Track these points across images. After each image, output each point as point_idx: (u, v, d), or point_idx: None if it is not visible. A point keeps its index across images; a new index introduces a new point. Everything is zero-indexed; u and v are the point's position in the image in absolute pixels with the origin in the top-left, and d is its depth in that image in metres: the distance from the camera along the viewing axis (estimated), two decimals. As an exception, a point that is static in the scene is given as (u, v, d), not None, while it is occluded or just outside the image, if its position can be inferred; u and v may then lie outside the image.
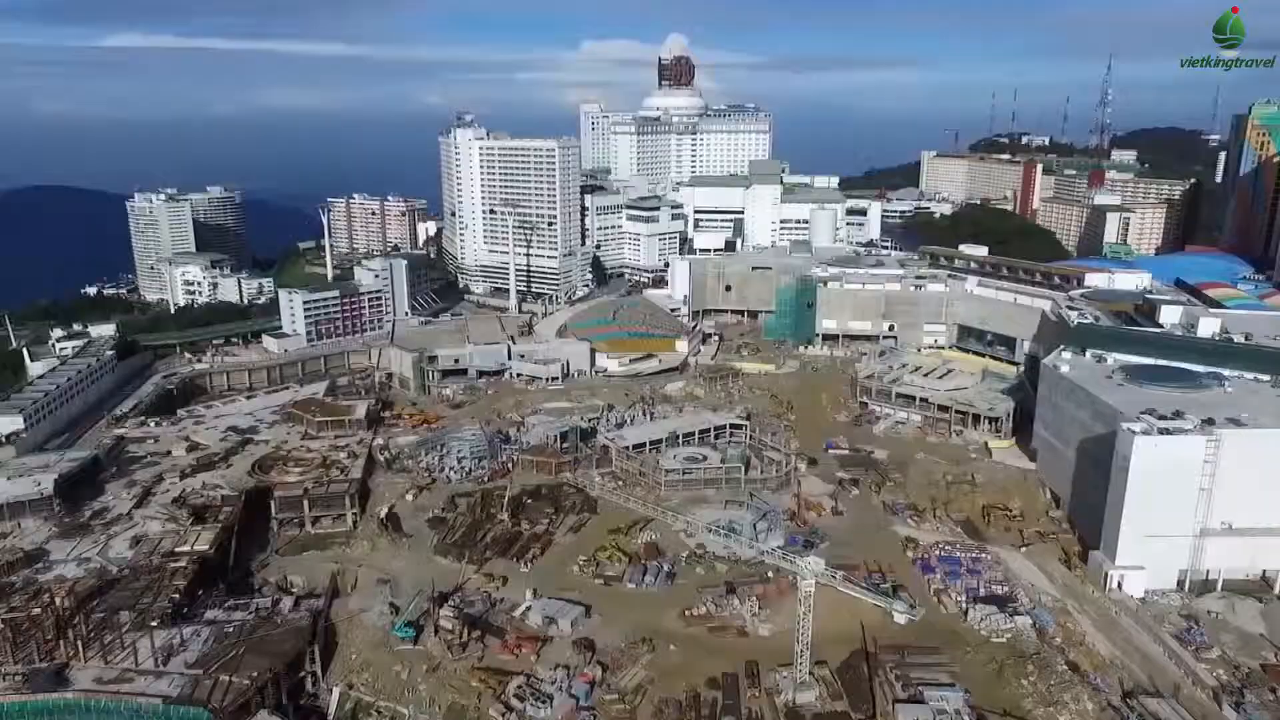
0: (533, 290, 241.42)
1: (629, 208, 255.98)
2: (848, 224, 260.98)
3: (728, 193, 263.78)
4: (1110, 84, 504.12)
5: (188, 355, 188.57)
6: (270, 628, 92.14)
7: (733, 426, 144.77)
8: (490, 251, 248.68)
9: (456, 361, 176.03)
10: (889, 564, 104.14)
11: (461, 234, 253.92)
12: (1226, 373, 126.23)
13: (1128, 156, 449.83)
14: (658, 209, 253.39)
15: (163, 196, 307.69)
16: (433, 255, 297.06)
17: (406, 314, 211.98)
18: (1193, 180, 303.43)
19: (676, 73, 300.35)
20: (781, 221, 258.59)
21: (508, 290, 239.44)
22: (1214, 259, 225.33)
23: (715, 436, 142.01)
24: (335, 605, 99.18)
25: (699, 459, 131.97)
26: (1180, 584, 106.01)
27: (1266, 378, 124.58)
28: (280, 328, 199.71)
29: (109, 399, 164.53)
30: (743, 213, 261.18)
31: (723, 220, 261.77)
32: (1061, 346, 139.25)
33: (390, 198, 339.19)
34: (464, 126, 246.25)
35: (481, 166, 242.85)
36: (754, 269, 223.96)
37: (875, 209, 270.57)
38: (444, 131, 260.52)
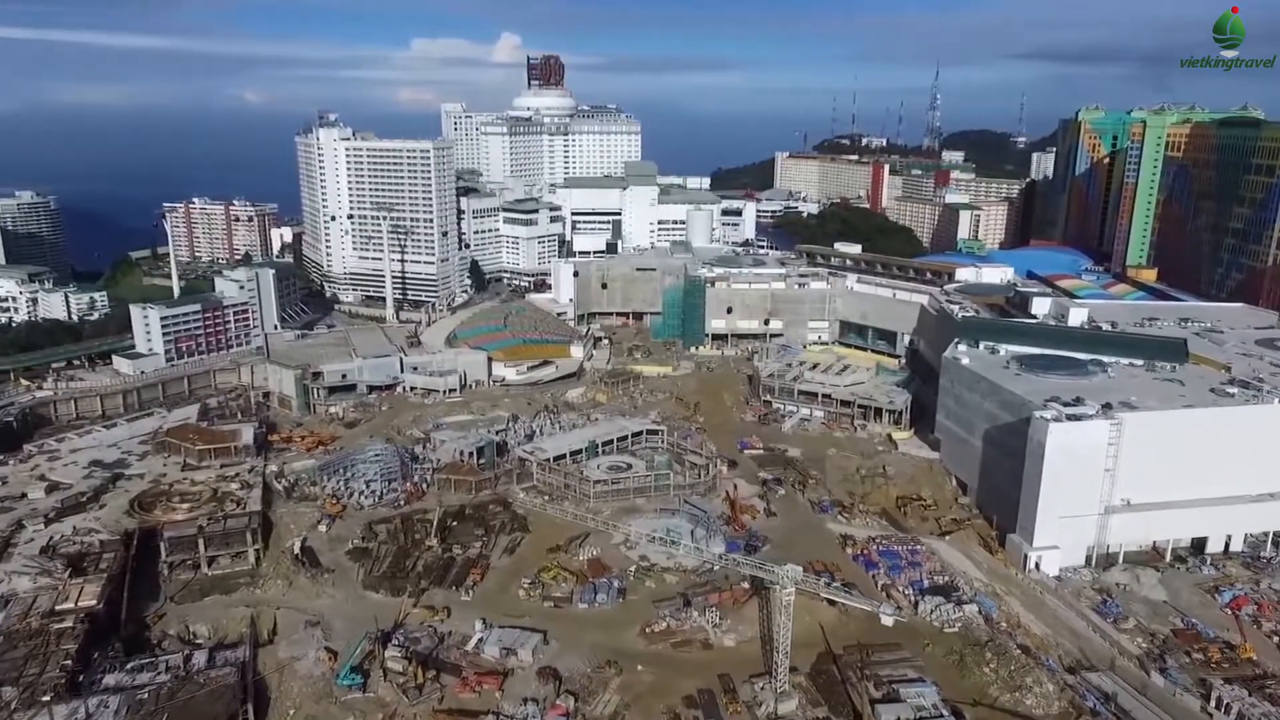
0: (409, 298, 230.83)
1: (506, 210, 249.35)
2: (723, 224, 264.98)
3: (605, 194, 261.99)
4: (939, 89, 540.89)
5: (24, 382, 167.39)
6: (192, 689, 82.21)
7: (649, 432, 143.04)
8: (361, 258, 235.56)
9: (344, 377, 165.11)
10: (834, 563, 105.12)
11: (327, 240, 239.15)
12: (1106, 359, 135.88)
13: (956, 157, 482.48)
14: (536, 211, 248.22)
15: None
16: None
17: (276, 327, 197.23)
18: (1029, 180, 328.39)
19: (546, 72, 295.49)
20: (659, 222, 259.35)
21: (381, 299, 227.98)
22: (1057, 253, 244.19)
23: (631, 443, 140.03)
24: (260, 655, 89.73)
25: (624, 468, 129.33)
26: (1088, 560, 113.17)
27: (1140, 362, 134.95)
28: (133, 347, 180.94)
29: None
30: (620, 214, 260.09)
31: (600, 222, 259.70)
32: (956, 340, 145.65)
33: (236, 202, 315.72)
34: (327, 126, 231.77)
35: (349, 168, 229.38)
36: (638, 270, 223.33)
37: (750, 209, 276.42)
38: (303, 131, 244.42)
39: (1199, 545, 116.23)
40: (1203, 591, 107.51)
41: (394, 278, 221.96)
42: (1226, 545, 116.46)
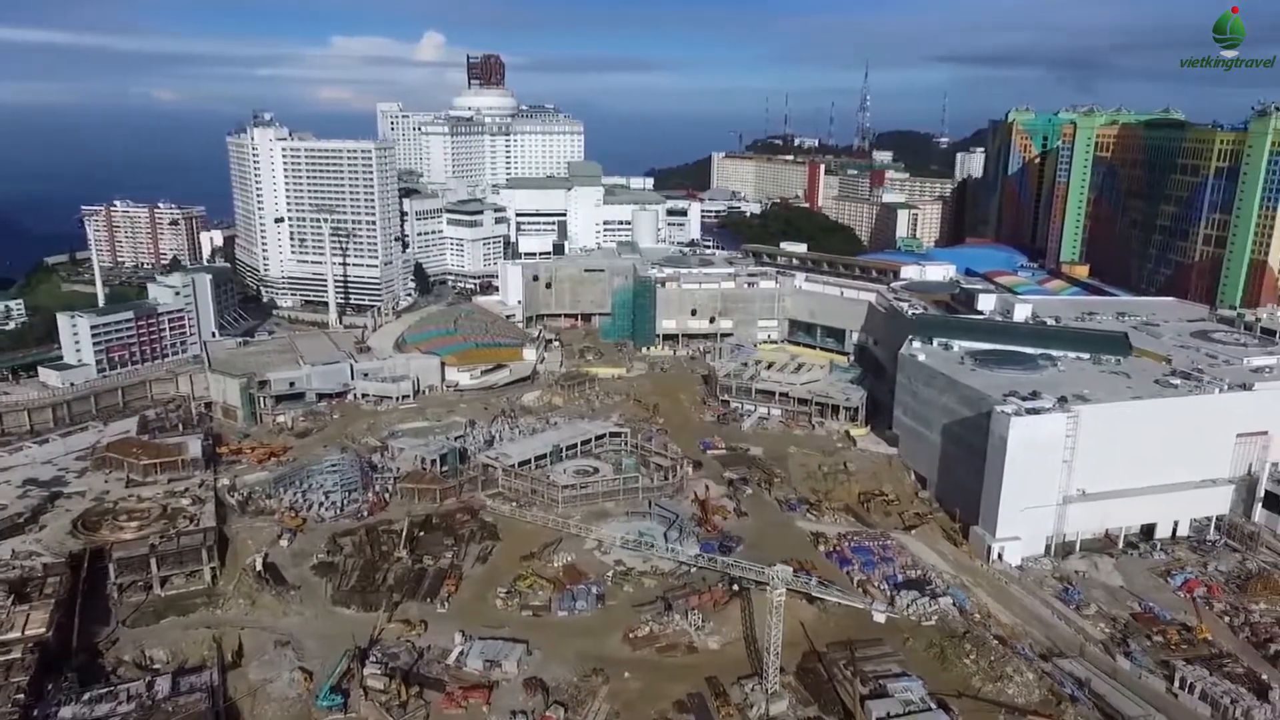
0: (351, 302, 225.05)
1: (450, 212, 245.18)
2: (668, 224, 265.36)
3: (550, 195, 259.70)
4: (868, 91, 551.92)
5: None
6: (160, 718, 78.25)
7: (611, 435, 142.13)
8: (300, 261, 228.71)
9: (292, 385, 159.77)
10: (809, 561, 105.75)
11: (264, 243, 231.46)
12: (1055, 354, 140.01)
13: (886, 157, 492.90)
14: (480, 213, 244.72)
15: None
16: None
17: (214, 334, 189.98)
18: (962, 179, 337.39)
19: (486, 71, 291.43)
20: (604, 223, 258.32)
21: (322, 303, 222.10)
22: (993, 250, 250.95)
23: (594, 446, 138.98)
24: (230, 679, 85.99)
25: (590, 471, 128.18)
26: (1048, 549, 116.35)
27: (1087, 356, 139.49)
28: (60, 357, 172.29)
29: None
30: (565, 215, 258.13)
31: (546, 223, 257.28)
32: (911, 337, 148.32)
33: (162, 204, 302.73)
34: (262, 126, 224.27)
35: (286, 169, 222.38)
36: (586, 271, 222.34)
37: (695, 209, 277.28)
38: (235, 131, 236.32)
39: (1148, 531, 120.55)
40: (1156, 576, 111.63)
41: (336, 281, 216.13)
42: (1174, 531, 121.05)
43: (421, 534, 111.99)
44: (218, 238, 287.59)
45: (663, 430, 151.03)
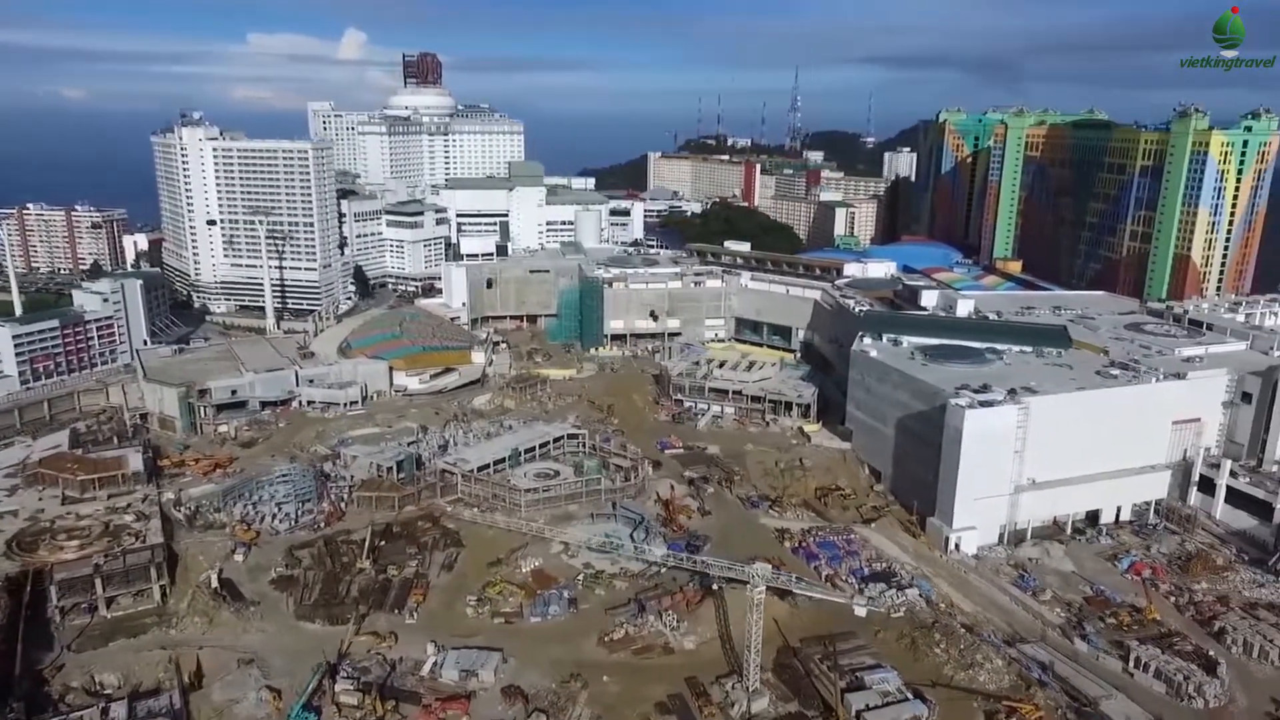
0: (289, 307, 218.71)
1: (390, 213, 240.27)
2: (611, 224, 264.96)
3: (491, 195, 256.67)
4: (799, 92, 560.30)
5: None
6: (122, 746, 74.68)
7: (569, 437, 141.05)
8: (234, 266, 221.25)
9: (234, 393, 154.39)
10: (776, 557, 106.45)
11: (194, 247, 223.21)
12: (1000, 347, 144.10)
13: (817, 156, 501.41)
14: (421, 214, 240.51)
15: None
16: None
17: (146, 342, 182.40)
18: (894, 178, 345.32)
19: (423, 70, 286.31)
20: (547, 223, 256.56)
21: (257, 308, 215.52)
22: (928, 247, 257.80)
23: (552, 449, 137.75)
24: (193, 701, 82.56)
25: (551, 474, 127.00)
26: (1001, 538, 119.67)
27: (1030, 349, 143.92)
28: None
29: None
30: (507, 215, 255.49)
31: (488, 224, 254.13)
32: (861, 333, 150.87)
33: (80, 206, 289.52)
34: (192, 125, 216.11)
35: (218, 171, 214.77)
36: (531, 272, 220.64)
37: (638, 209, 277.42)
38: (161, 131, 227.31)
39: (1093, 517, 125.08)
40: (1103, 560, 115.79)
41: (273, 285, 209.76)
42: (1117, 516, 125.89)
43: (383, 543, 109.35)
44: (142, 241, 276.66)
45: (618, 431, 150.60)
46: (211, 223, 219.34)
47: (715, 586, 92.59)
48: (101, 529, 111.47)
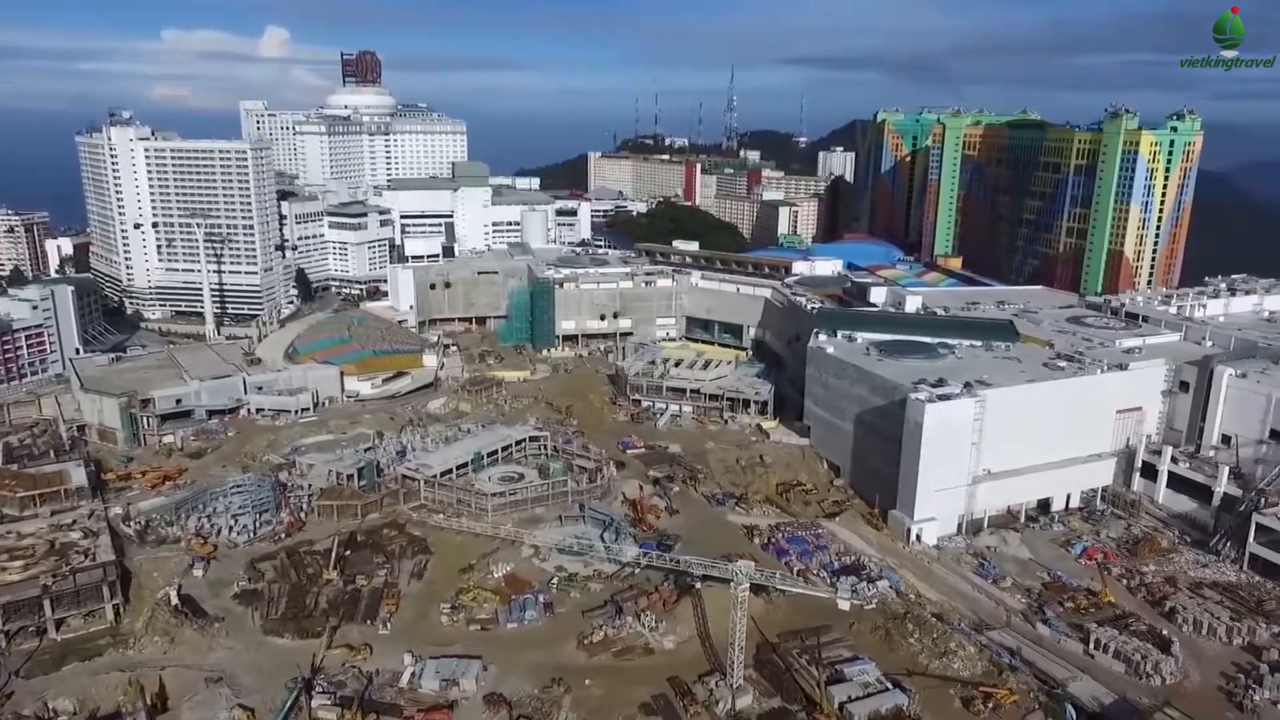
0: (229, 312, 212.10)
1: (332, 214, 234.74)
2: (558, 224, 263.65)
3: (436, 196, 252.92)
4: (734, 92, 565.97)
5: None
6: (89, 773, 71.45)
7: (531, 439, 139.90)
8: (169, 270, 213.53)
9: (179, 402, 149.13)
10: (748, 554, 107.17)
11: (126, 251, 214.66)
12: (951, 342, 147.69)
13: (754, 156, 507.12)
14: (364, 215, 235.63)
15: None
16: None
17: (78, 351, 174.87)
18: (833, 176, 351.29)
19: (362, 68, 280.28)
20: (493, 224, 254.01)
21: (194, 314, 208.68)
22: (871, 244, 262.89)
23: (514, 452, 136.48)
24: (160, 724, 79.58)
25: (516, 478, 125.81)
26: (960, 528, 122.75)
27: (979, 343, 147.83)
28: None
29: None
30: (452, 216, 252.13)
31: (432, 225, 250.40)
32: (816, 330, 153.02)
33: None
34: (121, 125, 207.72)
35: (151, 172, 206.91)
36: (480, 274, 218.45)
37: (585, 209, 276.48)
38: (86, 130, 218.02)
39: (1045, 505, 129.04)
40: (1057, 546, 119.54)
41: (212, 290, 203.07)
42: (1067, 503, 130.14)
43: (348, 553, 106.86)
44: (67, 246, 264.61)
45: (579, 432, 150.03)
46: (138, 226, 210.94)
47: (696, 585, 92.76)
48: (47, 548, 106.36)
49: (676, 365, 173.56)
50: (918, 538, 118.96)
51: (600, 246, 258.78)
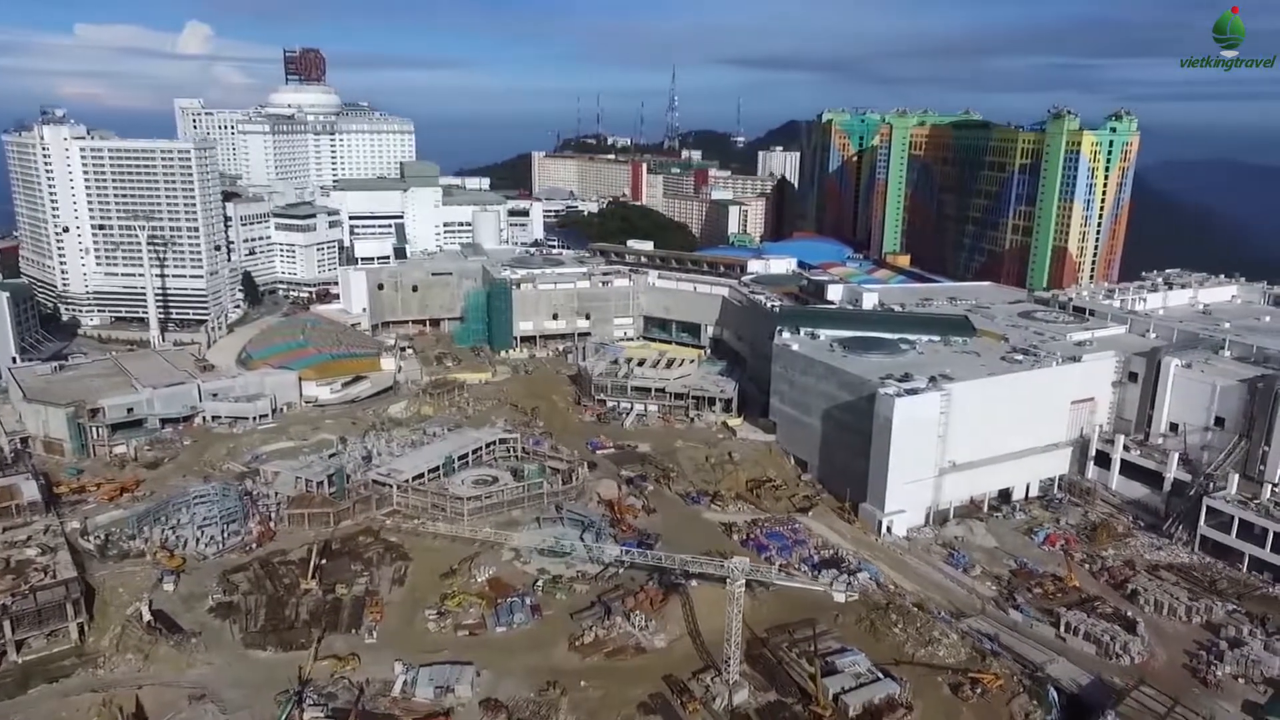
0: (172, 317, 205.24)
1: (279, 216, 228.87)
2: (510, 224, 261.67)
3: (385, 196, 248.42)
4: (676, 92, 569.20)
5: None
6: (74, 799, 68.63)
7: (500, 441, 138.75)
8: (108, 275, 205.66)
9: (130, 411, 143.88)
10: (730, 551, 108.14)
11: (61, 255, 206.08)
12: (911, 337, 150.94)
13: (696, 155, 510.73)
14: (313, 216, 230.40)
15: None
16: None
17: (15, 360, 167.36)
18: (775, 175, 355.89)
19: (306, 66, 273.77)
20: (444, 225, 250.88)
21: (134, 319, 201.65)
22: (820, 242, 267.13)
23: (484, 455, 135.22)
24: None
25: (490, 480, 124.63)
26: (927, 519, 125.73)
27: (938, 339, 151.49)
28: None
29: None
30: (403, 217, 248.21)
31: (382, 226, 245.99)
32: (780, 328, 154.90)
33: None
34: (54, 123, 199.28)
35: (87, 173, 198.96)
36: (434, 275, 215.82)
37: (537, 209, 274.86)
38: (15, 129, 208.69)
39: (1006, 495, 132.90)
40: (1021, 534, 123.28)
41: (155, 295, 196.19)
42: (1026, 492, 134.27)
43: (324, 562, 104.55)
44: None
45: (546, 433, 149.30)
46: (65, 230, 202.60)
47: (681, 583, 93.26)
48: (2, 566, 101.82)
49: (640, 365, 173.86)
50: (889, 530, 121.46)
51: (554, 247, 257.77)
